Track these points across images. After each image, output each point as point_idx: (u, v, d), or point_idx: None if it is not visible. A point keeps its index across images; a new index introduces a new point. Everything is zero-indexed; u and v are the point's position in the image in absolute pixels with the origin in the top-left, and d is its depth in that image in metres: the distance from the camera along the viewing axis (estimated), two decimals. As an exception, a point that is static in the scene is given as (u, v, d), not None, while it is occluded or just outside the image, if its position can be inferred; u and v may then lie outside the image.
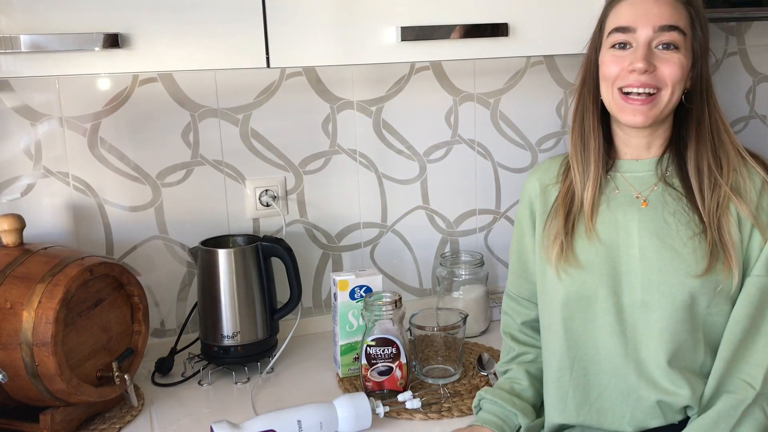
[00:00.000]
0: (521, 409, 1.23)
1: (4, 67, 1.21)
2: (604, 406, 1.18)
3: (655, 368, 1.13)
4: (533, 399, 1.27)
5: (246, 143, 1.65)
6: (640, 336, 1.14)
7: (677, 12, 1.14)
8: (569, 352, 1.19)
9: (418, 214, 1.81)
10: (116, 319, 1.38)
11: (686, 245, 1.13)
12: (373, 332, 1.39)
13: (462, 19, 1.38)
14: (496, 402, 1.24)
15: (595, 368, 1.18)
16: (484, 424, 1.22)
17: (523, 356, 1.31)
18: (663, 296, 1.13)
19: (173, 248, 1.64)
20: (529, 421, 1.22)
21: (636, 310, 1.15)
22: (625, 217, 1.18)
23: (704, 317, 1.13)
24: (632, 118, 1.15)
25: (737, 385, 1.10)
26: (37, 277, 1.24)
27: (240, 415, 1.29)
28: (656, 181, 1.19)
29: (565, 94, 1.86)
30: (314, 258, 1.76)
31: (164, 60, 1.26)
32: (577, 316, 1.18)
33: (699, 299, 1.12)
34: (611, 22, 1.18)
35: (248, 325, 1.53)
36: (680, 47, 1.13)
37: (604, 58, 1.18)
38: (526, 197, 1.31)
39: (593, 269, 1.17)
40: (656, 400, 1.13)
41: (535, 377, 1.29)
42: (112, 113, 1.55)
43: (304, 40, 1.32)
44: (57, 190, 1.54)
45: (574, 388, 1.19)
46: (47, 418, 1.26)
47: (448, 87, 1.77)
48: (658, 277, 1.13)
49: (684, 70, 1.14)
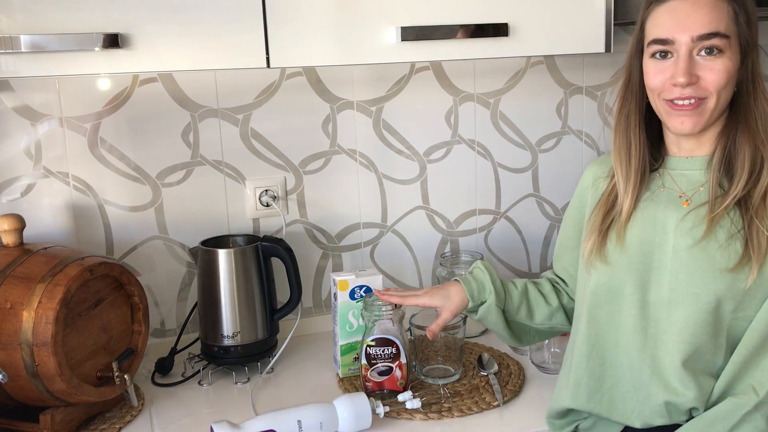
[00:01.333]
0: (497, 293, 1.32)
1: (4, 67, 1.21)
2: (616, 398, 1.19)
3: (668, 367, 1.12)
4: (514, 301, 1.34)
5: (246, 143, 1.65)
6: (660, 334, 1.14)
7: (718, 14, 1.09)
8: (589, 340, 1.21)
9: (418, 214, 1.81)
10: (116, 319, 1.38)
11: (721, 247, 1.10)
12: (373, 332, 1.39)
13: (462, 19, 1.38)
14: (484, 273, 1.34)
15: (612, 359, 1.19)
16: (462, 281, 1.34)
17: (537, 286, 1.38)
18: (688, 296, 1.11)
19: (173, 248, 1.64)
20: (494, 302, 1.32)
21: (661, 307, 1.14)
22: (665, 215, 1.16)
23: (730, 322, 1.10)
24: (680, 126, 1.13)
25: (744, 389, 1.09)
26: (37, 277, 1.24)
27: (240, 415, 1.29)
28: (704, 180, 1.16)
29: (565, 94, 1.86)
30: (314, 258, 1.76)
31: (164, 60, 1.26)
32: (602, 306, 1.19)
33: (725, 303, 1.10)
34: (650, 32, 1.14)
35: (248, 325, 1.53)
36: (724, 50, 1.09)
37: (647, 68, 1.15)
38: (579, 188, 1.33)
39: (621, 267, 1.17)
40: (664, 401, 1.12)
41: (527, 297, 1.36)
42: (112, 113, 1.55)
43: (304, 40, 1.32)
44: (57, 190, 1.54)
45: (589, 375, 1.20)
46: (47, 418, 1.26)
47: (448, 87, 1.77)
48: (686, 277, 1.12)
49: (729, 74, 1.10)
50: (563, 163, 1.89)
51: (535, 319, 1.37)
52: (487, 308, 1.33)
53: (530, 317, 1.36)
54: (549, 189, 1.90)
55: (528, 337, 1.41)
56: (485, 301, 1.33)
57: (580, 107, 1.88)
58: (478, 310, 1.34)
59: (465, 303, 1.33)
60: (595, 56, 1.84)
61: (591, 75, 1.86)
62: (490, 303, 1.32)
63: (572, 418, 1.26)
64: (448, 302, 1.33)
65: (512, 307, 1.35)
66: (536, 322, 1.37)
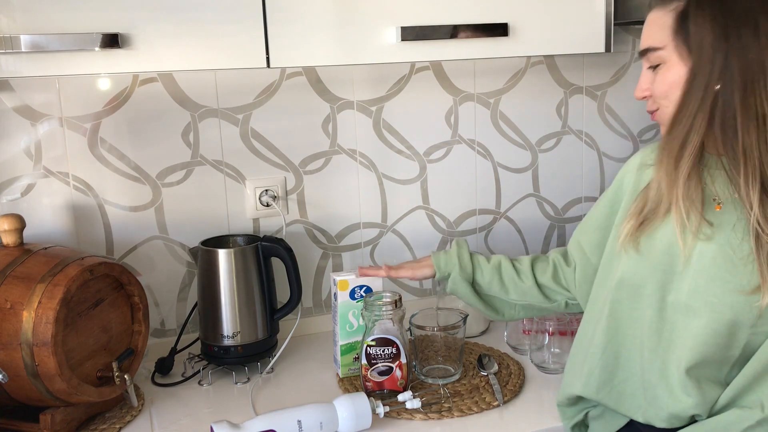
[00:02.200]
0: (462, 266, 1.40)
1: (4, 67, 1.21)
2: (625, 392, 1.19)
3: (674, 372, 1.11)
4: (485, 276, 1.41)
5: (246, 143, 1.65)
6: (675, 338, 1.12)
7: (653, 28, 1.11)
8: (607, 333, 1.20)
9: (418, 214, 1.81)
10: (116, 319, 1.38)
11: (745, 258, 1.06)
12: (373, 332, 1.39)
13: (462, 19, 1.38)
14: (455, 248, 1.43)
15: (627, 355, 1.19)
16: (432, 254, 1.45)
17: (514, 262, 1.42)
18: (706, 305, 1.08)
19: (173, 248, 1.64)
20: (458, 275, 1.40)
21: (678, 311, 1.12)
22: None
23: (748, 337, 1.08)
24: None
25: (751, 403, 1.07)
26: (37, 277, 1.24)
27: (240, 415, 1.29)
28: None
29: (565, 94, 1.86)
30: (314, 258, 1.76)
31: (164, 60, 1.26)
32: (624, 301, 1.19)
33: (742, 318, 1.07)
34: None
35: (248, 325, 1.53)
36: (666, 61, 1.10)
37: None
38: (623, 171, 1.29)
39: (650, 260, 1.15)
40: (667, 405, 1.12)
41: (500, 273, 1.41)
42: (112, 113, 1.55)
43: (304, 40, 1.32)
44: (57, 190, 1.54)
45: (602, 367, 1.20)
46: (47, 418, 1.26)
47: (448, 87, 1.77)
48: (705, 285, 1.09)
49: (671, 82, 1.09)
50: (563, 163, 1.89)
51: (510, 294, 1.42)
52: (453, 280, 1.41)
53: (504, 292, 1.42)
54: (549, 189, 1.90)
55: (511, 312, 1.45)
56: (450, 273, 1.41)
57: (580, 107, 1.88)
58: (448, 283, 1.42)
59: (432, 273, 1.43)
60: (595, 56, 1.84)
61: (591, 75, 1.86)
62: (455, 275, 1.41)
63: (582, 407, 1.27)
64: (415, 269, 1.45)
65: (483, 282, 1.42)
66: (511, 297, 1.42)
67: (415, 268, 1.45)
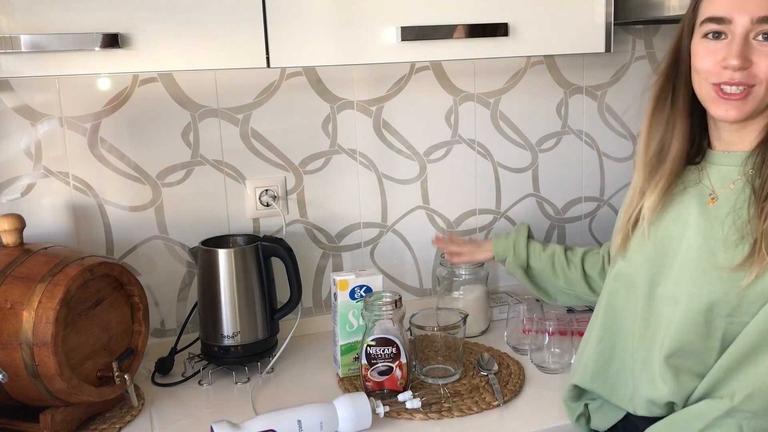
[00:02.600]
0: (517, 254, 1.49)
1: (4, 67, 1.21)
2: (618, 383, 1.21)
3: (656, 360, 1.13)
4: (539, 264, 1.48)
5: (246, 143, 1.65)
6: (659, 327, 1.14)
7: None
8: (604, 324, 1.23)
9: (418, 214, 1.81)
10: (116, 319, 1.38)
11: (727, 250, 1.07)
12: (373, 332, 1.39)
13: (462, 19, 1.38)
14: (515, 233, 1.51)
15: (622, 345, 1.21)
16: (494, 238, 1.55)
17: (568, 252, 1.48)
18: (687, 294, 1.10)
19: (173, 248, 1.64)
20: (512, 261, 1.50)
21: (664, 302, 1.14)
22: (688, 211, 1.14)
23: (725, 326, 1.08)
24: (724, 113, 1.08)
25: (725, 394, 1.07)
26: (37, 277, 1.24)
27: (240, 415, 1.29)
28: (736, 177, 1.12)
29: (565, 94, 1.86)
30: (314, 258, 1.76)
31: (164, 60, 1.26)
32: (620, 293, 1.22)
33: (718, 305, 1.07)
34: (705, 9, 1.08)
35: (248, 325, 1.53)
36: None
37: (696, 49, 1.10)
38: None
39: (640, 260, 1.19)
40: (646, 392, 1.14)
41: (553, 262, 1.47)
42: (112, 113, 1.55)
43: (304, 40, 1.32)
44: (57, 190, 1.54)
45: (597, 357, 1.23)
46: (47, 418, 1.26)
47: (448, 87, 1.77)
48: (689, 275, 1.11)
49: None
50: (563, 163, 1.89)
51: (560, 282, 1.48)
52: (508, 265, 1.52)
53: (555, 280, 1.48)
54: (549, 189, 1.90)
55: (563, 298, 1.52)
56: (506, 258, 1.51)
57: (580, 107, 1.88)
58: (505, 265, 1.53)
59: (491, 256, 1.55)
60: (595, 56, 1.84)
61: (591, 75, 1.86)
62: (509, 261, 1.51)
63: (582, 399, 1.29)
64: (475, 253, 1.58)
65: (536, 268, 1.50)
66: (560, 285, 1.49)
67: (474, 253, 1.57)
